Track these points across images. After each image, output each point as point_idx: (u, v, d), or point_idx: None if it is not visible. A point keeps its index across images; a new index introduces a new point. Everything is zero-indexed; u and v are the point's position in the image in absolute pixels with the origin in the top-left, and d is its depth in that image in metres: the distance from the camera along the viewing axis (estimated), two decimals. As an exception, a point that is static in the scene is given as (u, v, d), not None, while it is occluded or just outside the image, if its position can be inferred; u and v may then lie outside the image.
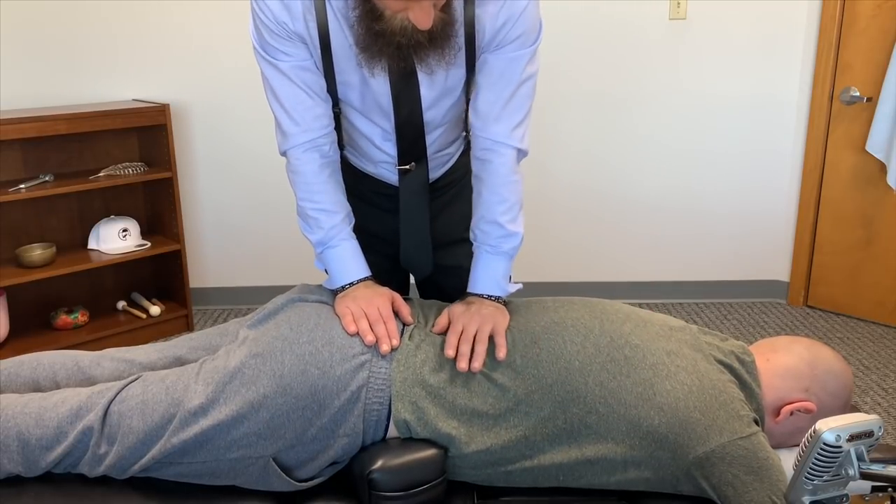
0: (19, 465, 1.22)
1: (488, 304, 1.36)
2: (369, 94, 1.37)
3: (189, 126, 3.36)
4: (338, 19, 1.29)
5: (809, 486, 0.96)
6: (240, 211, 3.48)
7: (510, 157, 1.39)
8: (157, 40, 3.24)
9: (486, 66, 1.35)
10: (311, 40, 1.31)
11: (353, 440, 1.22)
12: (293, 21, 1.28)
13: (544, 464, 1.21)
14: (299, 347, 1.22)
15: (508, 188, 1.40)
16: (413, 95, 1.37)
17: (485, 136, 1.39)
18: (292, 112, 1.37)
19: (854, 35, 3.23)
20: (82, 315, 3.06)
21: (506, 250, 1.41)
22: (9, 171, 2.95)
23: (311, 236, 1.42)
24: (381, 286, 1.39)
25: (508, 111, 1.37)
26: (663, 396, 1.20)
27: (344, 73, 1.35)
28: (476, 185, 1.43)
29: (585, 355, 1.25)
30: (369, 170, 1.54)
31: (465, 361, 1.24)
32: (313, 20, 1.29)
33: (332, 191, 1.41)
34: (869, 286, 3.39)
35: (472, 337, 1.27)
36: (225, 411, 1.19)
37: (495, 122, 1.38)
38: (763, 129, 3.47)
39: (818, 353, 1.35)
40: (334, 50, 1.31)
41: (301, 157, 1.40)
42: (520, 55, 1.34)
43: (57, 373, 1.37)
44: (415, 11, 1.16)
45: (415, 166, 1.47)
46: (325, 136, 1.40)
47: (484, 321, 1.29)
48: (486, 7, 1.30)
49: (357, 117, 1.43)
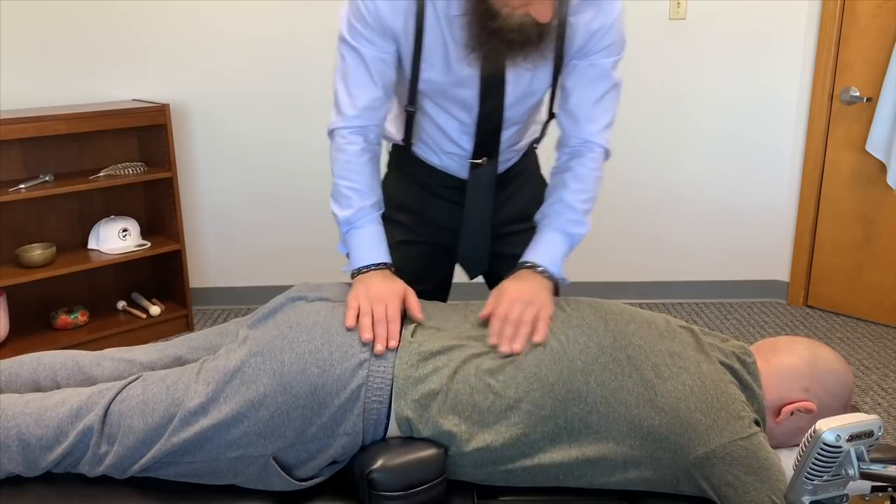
0: (19, 465, 1.22)
1: (539, 279, 1.38)
2: (454, 88, 1.42)
3: (189, 126, 3.36)
4: (438, 18, 1.34)
5: (809, 486, 0.96)
6: (240, 211, 3.48)
7: (600, 154, 1.48)
8: (157, 40, 3.24)
9: (576, 71, 1.42)
10: (406, 36, 1.37)
11: (353, 439, 1.22)
12: (394, 16, 1.35)
13: (544, 463, 1.21)
14: (299, 346, 1.23)
15: (592, 181, 1.48)
16: (499, 93, 1.43)
17: (576, 136, 1.47)
18: (356, 96, 1.42)
19: (854, 35, 3.23)
20: (82, 315, 3.06)
21: (572, 233, 1.46)
22: (9, 171, 2.96)
23: (340, 214, 1.45)
24: (397, 279, 1.40)
25: (597, 112, 1.45)
26: (665, 397, 1.21)
27: (431, 69, 1.40)
28: (559, 173, 1.50)
29: (588, 355, 1.25)
30: (437, 162, 1.59)
31: (507, 345, 1.25)
32: (412, 17, 1.35)
33: (368, 173, 1.46)
34: (869, 286, 3.39)
35: (516, 320, 1.28)
36: (225, 410, 1.19)
37: (587, 122, 1.46)
38: (763, 129, 3.47)
39: (818, 353, 1.35)
40: (426, 47, 1.37)
41: (347, 138, 1.44)
42: (608, 62, 1.41)
43: (57, 373, 1.37)
44: (536, 5, 1.21)
45: (486, 161, 1.53)
46: (375, 126, 1.46)
47: (529, 304, 1.31)
48: (579, 15, 1.36)
49: (436, 110, 1.48)
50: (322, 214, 3.50)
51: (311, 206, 3.49)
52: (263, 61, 3.30)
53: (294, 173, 3.45)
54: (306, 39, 3.29)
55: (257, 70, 3.31)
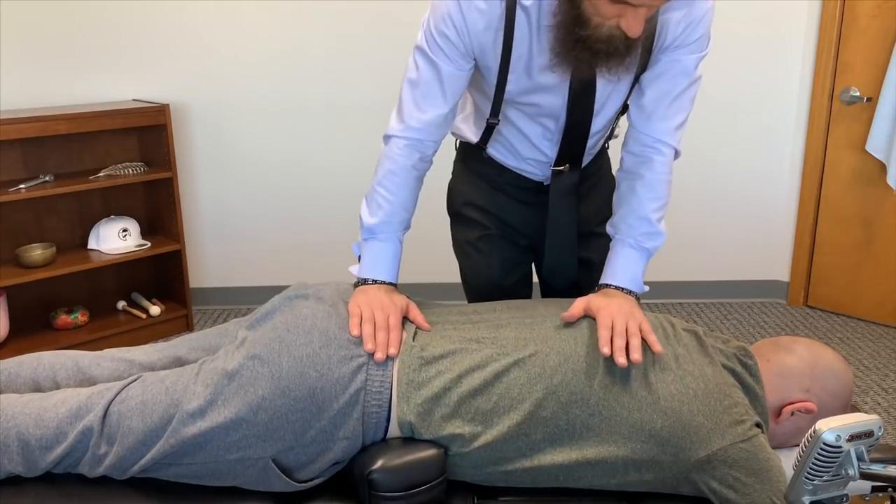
0: (19, 465, 1.22)
1: (626, 297, 1.36)
2: (540, 96, 1.39)
3: (189, 126, 3.36)
4: (529, 27, 1.31)
5: (809, 486, 0.96)
6: (240, 211, 3.48)
7: (670, 156, 1.44)
8: (157, 40, 3.24)
9: (658, 66, 1.37)
10: (494, 49, 1.33)
11: (352, 442, 1.22)
12: (485, 33, 1.31)
13: (544, 464, 1.21)
14: (297, 349, 1.22)
15: (664, 186, 1.43)
16: (588, 101, 1.40)
17: (647, 133, 1.42)
18: (424, 109, 1.39)
19: (854, 35, 3.23)
20: (82, 315, 3.06)
21: (648, 247, 1.43)
22: (9, 171, 2.95)
23: (366, 220, 1.43)
24: (399, 294, 1.39)
25: (673, 111, 1.40)
26: (668, 400, 1.20)
27: (517, 79, 1.37)
28: (628, 180, 1.45)
29: (594, 358, 1.24)
30: (512, 164, 1.57)
31: (623, 356, 1.22)
32: (502, 31, 1.31)
33: (409, 189, 1.43)
34: (869, 286, 3.39)
35: (625, 331, 1.26)
36: (224, 413, 1.19)
37: (660, 119, 1.40)
38: (763, 129, 3.47)
39: (818, 354, 1.35)
40: (514, 57, 1.34)
41: (403, 150, 1.41)
42: (692, 59, 1.37)
43: (57, 373, 1.37)
44: (628, 19, 1.17)
45: (568, 168, 1.50)
46: (434, 143, 1.43)
47: (630, 316, 1.29)
48: (670, 14, 1.32)
49: (519, 116, 1.46)
50: (322, 214, 3.50)
51: (311, 206, 3.49)
52: (264, 62, 3.30)
53: (294, 173, 3.45)
54: (306, 40, 3.28)
55: (257, 70, 3.31)
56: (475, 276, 1.67)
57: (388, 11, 3.25)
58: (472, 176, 1.64)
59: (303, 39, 3.28)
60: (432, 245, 2.88)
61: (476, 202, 1.64)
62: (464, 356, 1.25)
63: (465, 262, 1.69)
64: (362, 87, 3.33)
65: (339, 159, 3.43)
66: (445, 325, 1.34)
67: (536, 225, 1.62)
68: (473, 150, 1.61)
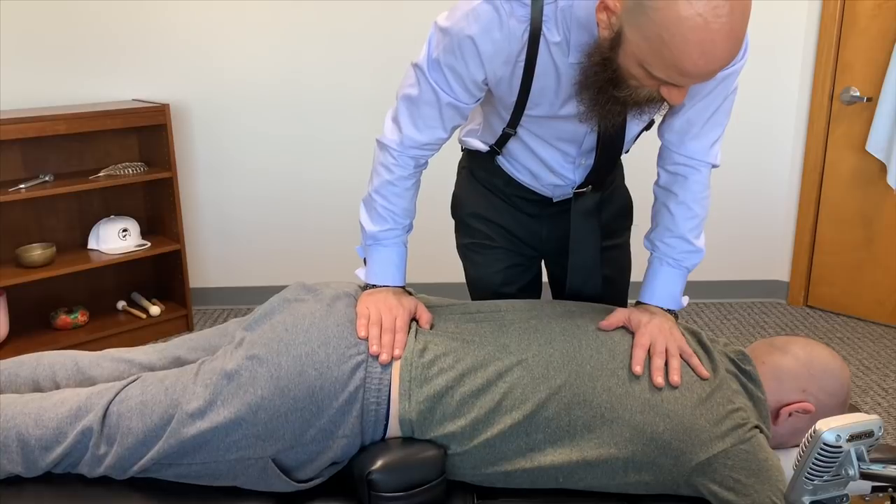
0: (19, 465, 1.22)
1: (665, 316, 1.36)
2: (561, 127, 1.36)
3: (189, 126, 3.36)
4: (552, 59, 1.24)
5: (809, 487, 0.96)
6: (240, 211, 3.48)
7: (706, 173, 1.40)
8: (157, 40, 3.24)
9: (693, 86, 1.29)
10: (512, 80, 1.28)
11: (352, 441, 1.22)
12: (504, 64, 1.25)
13: (544, 465, 1.21)
14: (296, 349, 1.22)
15: (700, 204, 1.41)
16: (619, 138, 1.37)
17: (680, 153, 1.38)
18: (422, 131, 1.36)
19: (854, 35, 3.23)
20: (82, 315, 3.06)
21: (687, 266, 1.43)
22: (9, 171, 2.95)
23: (368, 228, 1.42)
24: (408, 296, 1.38)
25: (709, 128, 1.36)
26: (671, 404, 1.20)
27: (537, 108, 1.33)
28: (663, 196, 1.43)
29: (598, 360, 1.24)
30: (522, 179, 1.54)
31: (662, 376, 1.22)
32: (522, 61, 1.25)
33: (408, 198, 1.43)
34: (869, 286, 3.39)
35: (664, 351, 1.25)
36: (223, 413, 1.19)
37: (694, 139, 1.36)
38: (763, 129, 3.47)
39: (814, 353, 1.35)
40: (534, 90, 1.29)
41: (398, 160, 1.39)
42: (730, 72, 1.31)
43: (57, 373, 1.37)
44: (671, 91, 1.13)
45: (590, 189, 1.47)
46: (430, 154, 1.42)
47: (670, 336, 1.28)
48: None
49: (536, 142, 1.42)
50: (322, 214, 3.50)
51: (311, 206, 3.49)
52: (264, 61, 3.30)
53: (294, 173, 3.44)
54: (307, 39, 3.28)
55: (258, 70, 3.31)
56: (479, 282, 1.66)
57: (389, 11, 3.25)
58: (477, 185, 1.61)
59: (304, 39, 3.28)
60: (438, 245, 2.88)
61: (481, 213, 1.61)
62: (466, 355, 1.25)
63: (469, 267, 1.68)
64: (363, 87, 3.33)
65: (340, 159, 3.43)
66: (448, 323, 1.34)
67: (543, 236, 1.61)
68: (481, 158, 1.57)
